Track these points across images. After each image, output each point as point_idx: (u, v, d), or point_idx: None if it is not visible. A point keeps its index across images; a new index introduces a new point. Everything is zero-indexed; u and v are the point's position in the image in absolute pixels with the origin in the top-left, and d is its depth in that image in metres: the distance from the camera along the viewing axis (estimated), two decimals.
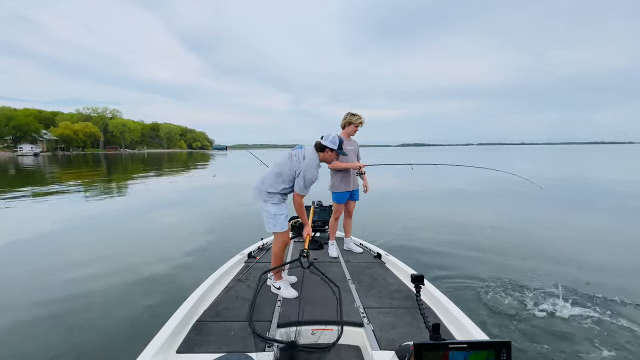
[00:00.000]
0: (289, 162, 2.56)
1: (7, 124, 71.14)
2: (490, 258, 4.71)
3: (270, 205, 2.61)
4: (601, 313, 3.13)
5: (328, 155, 2.65)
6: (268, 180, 2.60)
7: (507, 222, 7.12)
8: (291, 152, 2.63)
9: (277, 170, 2.57)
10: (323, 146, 2.62)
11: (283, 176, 2.56)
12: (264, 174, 2.66)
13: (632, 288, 3.70)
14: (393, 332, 2.05)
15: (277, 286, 2.62)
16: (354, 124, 3.50)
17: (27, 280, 4.20)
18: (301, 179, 2.52)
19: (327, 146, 2.61)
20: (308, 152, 2.59)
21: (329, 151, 2.63)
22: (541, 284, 3.81)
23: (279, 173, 2.56)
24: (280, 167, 2.57)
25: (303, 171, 2.50)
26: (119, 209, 9.17)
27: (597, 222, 7.27)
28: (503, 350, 1.27)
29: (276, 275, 2.66)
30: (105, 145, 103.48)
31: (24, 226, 6.96)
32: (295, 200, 2.63)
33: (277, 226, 2.62)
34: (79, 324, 3.13)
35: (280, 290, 2.60)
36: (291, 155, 2.59)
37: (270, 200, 2.61)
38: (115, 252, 5.23)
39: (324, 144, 2.62)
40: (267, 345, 1.89)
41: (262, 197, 2.61)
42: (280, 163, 2.59)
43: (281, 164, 2.58)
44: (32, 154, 66.35)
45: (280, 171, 2.56)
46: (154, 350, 1.73)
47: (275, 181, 2.58)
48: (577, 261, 4.61)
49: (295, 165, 2.53)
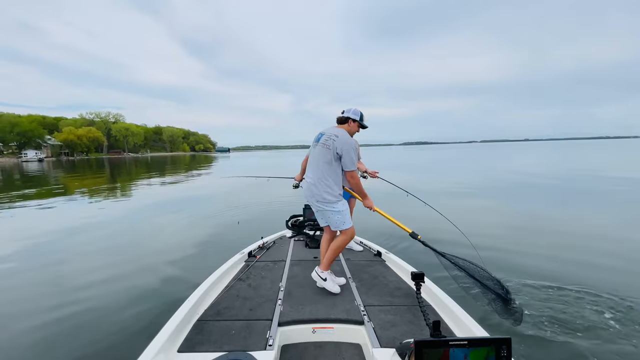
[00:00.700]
0: (330, 150, 2.50)
1: (12, 130, 71.97)
2: (490, 254, 4.64)
3: (339, 203, 2.58)
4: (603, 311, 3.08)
5: (351, 126, 2.67)
6: (330, 181, 2.54)
7: (507, 221, 7.05)
8: (322, 142, 2.56)
9: (327, 167, 2.53)
10: (345, 118, 2.65)
11: (335, 166, 2.53)
12: (315, 179, 2.57)
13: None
14: (393, 330, 2.04)
15: (323, 277, 2.56)
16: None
17: (29, 280, 4.22)
18: (346, 155, 2.49)
19: (350, 117, 2.64)
20: (335, 130, 2.57)
21: (351, 122, 2.66)
22: (539, 280, 3.76)
23: (331, 166, 2.52)
24: (327, 161, 2.52)
25: (343, 148, 2.48)
26: (121, 210, 9.21)
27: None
28: (503, 346, 1.26)
29: (326, 265, 2.61)
30: (109, 150, 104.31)
31: (29, 229, 7.01)
32: (353, 178, 2.57)
33: (347, 222, 2.60)
34: (79, 323, 3.14)
35: (326, 281, 2.56)
36: (325, 145, 2.53)
37: (337, 199, 2.58)
38: (116, 253, 5.26)
39: (346, 115, 2.65)
40: (268, 344, 1.89)
41: (329, 201, 2.55)
42: (323, 159, 2.54)
43: (325, 158, 2.53)
44: (37, 160, 67.02)
45: (330, 165, 2.52)
46: (156, 349, 1.73)
47: (335, 176, 2.55)
48: (579, 260, 4.54)
49: (336, 147, 2.48)
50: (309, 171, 2.68)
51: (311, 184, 2.60)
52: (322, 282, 2.58)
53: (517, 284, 3.72)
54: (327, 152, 2.52)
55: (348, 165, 2.52)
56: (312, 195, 2.61)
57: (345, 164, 2.51)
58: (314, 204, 2.65)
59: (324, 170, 2.55)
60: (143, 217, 8.21)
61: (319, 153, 2.58)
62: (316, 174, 2.58)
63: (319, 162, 2.57)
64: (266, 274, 2.99)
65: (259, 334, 2.00)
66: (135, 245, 5.79)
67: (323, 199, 2.56)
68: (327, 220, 2.67)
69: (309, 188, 2.62)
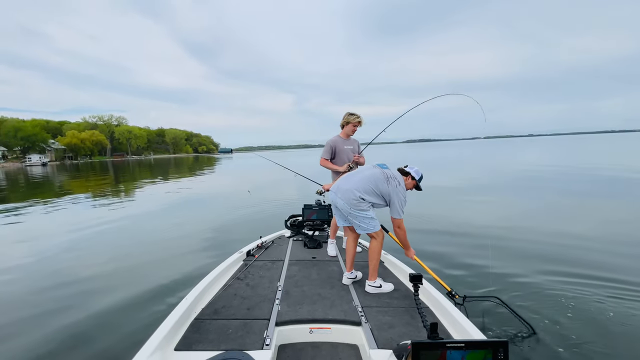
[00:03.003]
0: (386, 184, 2.61)
1: (16, 135, 72.64)
2: (488, 255, 4.61)
3: (370, 211, 2.66)
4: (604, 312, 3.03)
5: (408, 182, 2.75)
6: (367, 195, 2.62)
7: (507, 219, 6.98)
8: (386, 173, 2.67)
9: (373, 187, 2.62)
10: (407, 172, 2.76)
11: (379, 195, 2.63)
12: (356, 184, 2.64)
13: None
14: (391, 331, 2.02)
15: (377, 285, 2.62)
16: (352, 123, 3.54)
17: (29, 280, 4.25)
18: (402, 203, 2.61)
19: (410, 173, 2.74)
20: (401, 179, 2.68)
21: (410, 178, 2.74)
22: (540, 282, 3.71)
23: (377, 191, 2.62)
24: (377, 186, 2.62)
25: (401, 197, 2.61)
26: (121, 210, 9.24)
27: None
28: (500, 350, 1.25)
29: (374, 274, 2.66)
30: (112, 153, 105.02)
31: (29, 230, 7.05)
32: (400, 225, 2.66)
33: (376, 226, 2.67)
34: (77, 321, 3.16)
35: (382, 287, 2.62)
36: (388, 177, 2.64)
37: (368, 207, 2.64)
38: (115, 251, 5.31)
39: (407, 170, 2.77)
40: (265, 344, 1.88)
41: (360, 206, 2.61)
42: (376, 180, 2.63)
43: (377, 182, 2.62)
44: (40, 164, 67.55)
45: (377, 190, 2.62)
46: (152, 347, 1.72)
47: (373, 195, 2.63)
48: (582, 260, 4.48)
49: (393, 190, 2.60)
50: (352, 181, 2.69)
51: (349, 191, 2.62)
52: (378, 289, 2.62)
53: (516, 283, 3.68)
54: (382, 183, 2.61)
55: (398, 213, 2.60)
56: (342, 201, 2.65)
57: (397, 210, 2.60)
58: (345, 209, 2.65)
59: (368, 190, 2.61)
60: (143, 217, 8.28)
61: (375, 175, 2.65)
62: (361, 186, 2.62)
63: (370, 181, 2.63)
64: (264, 273, 2.99)
65: (256, 334, 1.99)
66: (134, 245, 5.84)
67: (358, 206, 2.61)
68: (355, 225, 2.70)
69: (337, 193, 2.68)
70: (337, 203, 2.70)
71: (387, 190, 2.60)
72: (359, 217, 2.62)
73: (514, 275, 3.88)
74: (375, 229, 2.65)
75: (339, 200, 2.67)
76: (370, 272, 2.66)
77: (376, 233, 2.65)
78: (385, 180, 2.62)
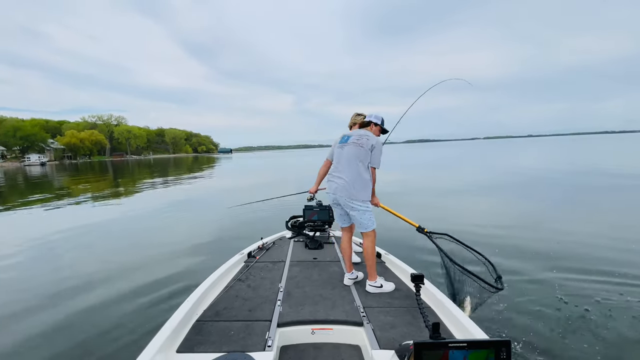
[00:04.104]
0: (363, 148, 2.60)
1: (15, 134, 72.45)
2: (491, 255, 4.60)
3: (369, 203, 2.67)
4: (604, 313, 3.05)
5: (373, 130, 2.79)
6: (366, 179, 2.61)
7: (506, 219, 7.02)
8: (356, 142, 2.64)
9: (362, 165, 2.60)
10: (367, 122, 2.78)
11: (366, 165, 2.62)
12: (352, 178, 2.61)
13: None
14: (393, 332, 2.02)
15: (378, 285, 2.60)
16: (359, 124, 3.46)
17: (29, 280, 4.25)
18: (378, 153, 2.62)
19: (372, 121, 2.76)
20: (364, 131, 2.70)
21: (373, 126, 2.78)
22: (542, 282, 3.73)
23: (365, 164, 2.61)
24: (362, 159, 2.60)
25: (376, 146, 2.61)
26: (121, 212, 9.26)
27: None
28: (503, 349, 1.24)
29: (373, 275, 2.64)
30: (112, 152, 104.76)
31: (29, 230, 7.04)
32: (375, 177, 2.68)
33: (374, 222, 2.68)
34: (79, 322, 3.17)
35: (382, 287, 2.61)
36: (358, 143, 2.62)
37: (370, 198, 2.66)
38: (117, 253, 5.31)
39: (368, 119, 2.77)
40: (267, 345, 1.88)
41: (363, 200, 2.62)
42: (358, 157, 2.61)
43: (360, 156, 2.60)
44: (39, 164, 67.34)
45: (364, 163, 2.61)
46: (155, 349, 1.73)
47: (368, 174, 2.63)
48: (581, 260, 4.50)
49: (373, 143, 2.61)
50: (340, 171, 2.68)
51: (347, 183, 2.61)
52: (379, 289, 2.60)
53: (518, 283, 3.69)
54: (361, 150, 2.61)
55: (376, 162, 2.63)
56: (348, 195, 2.62)
57: (375, 160, 2.62)
58: (347, 204, 2.65)
59: (360, 168, 2.61)
60: (143, 218, 8.26)
61: (352, 152, 2.64)
62: (352, 173, 2.62)
63: (353, 160, 2.62)
64: (265, 274, 2.98)
65: (258, 335, 1.99)
66: (135, 246, 5.83)
67: (358, 197, 2.61)
68: (356, 220, 2.69)
69: (344, 188, 2.63)
70: (339, 200, 2.69)
71: (367, 150, 2.60)
72: (360, 210, 2.62)
73: (516, 273, 3.90)
74: (372, 227, 2.66)
75: (340, 198, 2.67)
76: (369, 272, 2.66)
77: (371, 231, 2.66)
78: (359, 147, 2.61)
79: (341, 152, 2.71)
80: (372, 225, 2.65)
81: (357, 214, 2.64)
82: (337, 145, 2.78)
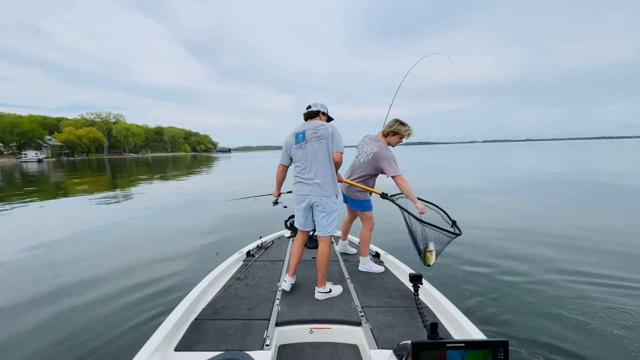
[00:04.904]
0: (324, 139, 2.49)
1: (12, 130, 72.14)
2: (489, 256, 4.65)
3: (337, 202, 2.57)
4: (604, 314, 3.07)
5: (322, 119, 2.67)
6: (334, 174, 2.53)
7: (505, 221, 7.04)
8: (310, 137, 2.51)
9: (328, 160, 2.50)
10: (316, 112, 2.64)
11: (330, 157, 2.50)
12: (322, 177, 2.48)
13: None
14: (391, 331, 2.03)
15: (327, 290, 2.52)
16: (400, 135, 2.98)
17: (28, 279, 4.21)
18: (339, 137, 2.51)
19: (320, 110, 2.64)
20: (314, 121, 2.58)
21: (321, 115, 2.66)
22: (542, 282, 3.76)
23: (330, 156, 2.50)
24: (326, 152, 2.49)
25: (335, 131, 2.51)
26: (119, 210, 9.20)
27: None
28: (500, 349, 1.26)
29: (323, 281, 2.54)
30: (110, 150, 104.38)
31: (28, 229, 7.01)
32: (341, 161, 2.55)
33: (336, 228, 2.59)
34: (76, 321, 3.15)
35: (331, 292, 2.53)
36: (317, 135, 2.49)
37: (335, 197, 2.55)
38: (114, 251, 5.28)
39: (315, 109, 2.64)
40: (265, 344, 1.88)
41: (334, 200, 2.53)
42: (322, 152, 2.48)
43: (323, 150, 2.48)
44: (36, 160, 67.04)
45: (329, 155, 2.50)
46: (152, 347, 1.73)
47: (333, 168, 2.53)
48: (581, 259, 4.54)
49: (329, 130, 2.50)
50: (310, 172, 2.52)
51: (322, 183, 2.48)
52: (329, 294, 2.53)
53: (516, 283, 3.71)
54: (323, 142, 2.48)
55: (339, 146, 2.50)
56: (323, 194, 2.48)
57: (338, 144, 2.49)
58: (320, 204, 2.51)
59: (326, 163, 2.49)
60: (141, 217, 8.21)
61: (316, 148, 2.49)
62: (324, 171, 2.49)
63: (318, 157, 2.48)
64: (264, 273, 2.99)
65: (256, 334, 2.00)
66: (133, 245, 5.80)
67: (329, 196, 2.50)
68: (321, 221, 2.54)
69: (320, 187, 2.48)
70: (313, 201, 2.54)
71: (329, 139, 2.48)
72: (329, 212, 2.51)
73: (515, 274, 3.93)
74: (333, 232, 2.55)
75: (314, 199, 2.52)
76: (319, 278, 2.54)
77: (330, 237, 2.56)
78: (320, 139, 2.48)
79: (304, 152, 2.52)
80: (333, 231, 2.53)
81: (325, 215, 2.52)
82: (294, 146, 2.58)
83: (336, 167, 2.57)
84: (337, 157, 2.51)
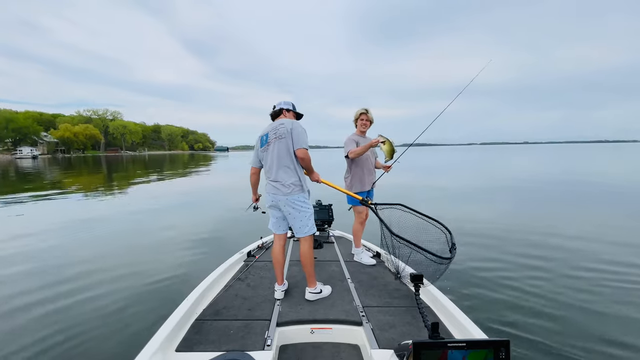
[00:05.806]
0: (284, 138, 2.41)
1: (7, 126, 71.45)
2: (489, 257, 4.69)
3: (309, 202, 2.51)
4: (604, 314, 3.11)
5: (287, 117, 2.63)
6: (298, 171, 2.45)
7: (504, 222, 7.06)
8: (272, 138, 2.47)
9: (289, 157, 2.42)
10: (279, 111, 2.63)
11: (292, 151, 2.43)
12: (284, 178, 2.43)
13: None
14: (392, 331, 2.04)
15: (318, 291, 2.51)
16: (359, 119, 3.35)
17: (28, 279, 4.19)
18: (300, 133, 2.42)
19: (283, 108, 2.62)
20: (277, 121, 2.53)
21: (285, 112, 2.63)
22: (542, 282, 3.79)
23: (292, 154, 2.42)
24: (287, 151, 2.42)
25: (293, 127, 2.43)
26: (118, 209, 9.15)
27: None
28: (502, 349, 1.26)
29: (313, 281, 2.53)
30: (106, 148, 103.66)
31: (26, 228, 6.96)
32: (307, 157, 2.45)
33: (314, 227, 2.54)
34: (77, 322, 3.13)
35: (322, 292, 2.53)
36: (277, 135, 2.44)
37: (307, 195, 2.50)
38: (114, 252, 5.24)
39: (279, 107, 2.64)
40: (266, 345, 1.89)
41: (300, 199, 2.45)
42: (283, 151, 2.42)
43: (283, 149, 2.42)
44: (31, 157, 66.41)
45: (291, 153, 2.42)
46: (154, 348, 1.73)
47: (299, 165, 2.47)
48: (581, 260, 4.57)
49: (288, 128, 2.42)
50: (272, 174, 2.47)
51: (282, 184, 2.43)
52: (319, 294, 2.52)
53: (518, 284, 3.74)
54: (283, 141, 2.42)
55: (301, 143, 2.41)
56: (286, 195, 2.43)
57: (298, 141, 2.41)
58: (287, 204, 2.45)
59: (289, 162, 2.43)
60: (141, 217, 8.16)
61: (276, 149, 2.44)
62: (285, 172, 2.43)
63: (281, 157, 2.43)
64: (265, 274, 2.99)
65: (257, 334, 2.00)
66: (133, 245, 5.76)
67: (296, 194, 2.44)
68: (295, 222, 2.49)
69: (279, 190, 2.44)
70: (279, 203, 2.48)
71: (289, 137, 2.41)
72: (302, 209, 2.45)
73: (515, 274, 3.96)
74: (311, 232, 2.51)
75: (279, 200, 2.47)
76: (308, 279, 2.52)
77: (310, 236, 2.52)
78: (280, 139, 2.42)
79: (267, 155, 2.49)
80: (311, 230, 2.49)
81: (298, 214, 2.45)
82: (259, 150, 2.57)
83: (302, 163, 2.48)
84: (301, 154, 2.42)
